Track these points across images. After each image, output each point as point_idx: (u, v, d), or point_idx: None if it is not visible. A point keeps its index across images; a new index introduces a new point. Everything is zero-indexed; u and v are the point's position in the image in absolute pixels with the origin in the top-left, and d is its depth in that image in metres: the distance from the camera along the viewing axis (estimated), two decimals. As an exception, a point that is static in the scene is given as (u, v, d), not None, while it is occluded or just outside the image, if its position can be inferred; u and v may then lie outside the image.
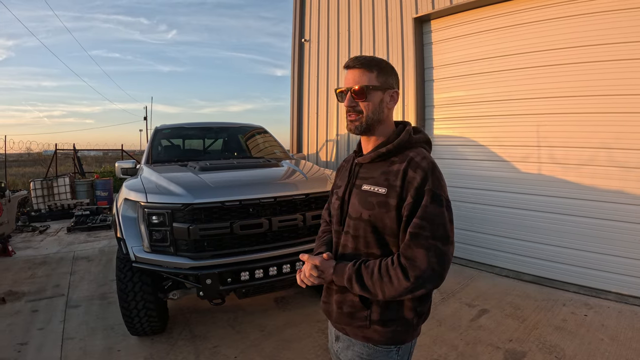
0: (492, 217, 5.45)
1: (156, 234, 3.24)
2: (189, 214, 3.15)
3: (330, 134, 7.89)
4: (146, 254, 3.24)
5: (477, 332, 3.72)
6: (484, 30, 5.43)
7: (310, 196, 3.55)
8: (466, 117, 5.70)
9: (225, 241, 3.24)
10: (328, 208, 1.69)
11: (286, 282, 3.50)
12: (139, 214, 3.30)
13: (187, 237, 3.14)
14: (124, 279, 3.44)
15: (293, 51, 8.85)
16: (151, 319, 3.58)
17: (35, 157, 31.17)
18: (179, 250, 3.21)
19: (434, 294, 4.52)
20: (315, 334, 3.81)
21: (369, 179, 1.46)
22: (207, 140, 5.55)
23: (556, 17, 4.77)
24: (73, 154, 14.26)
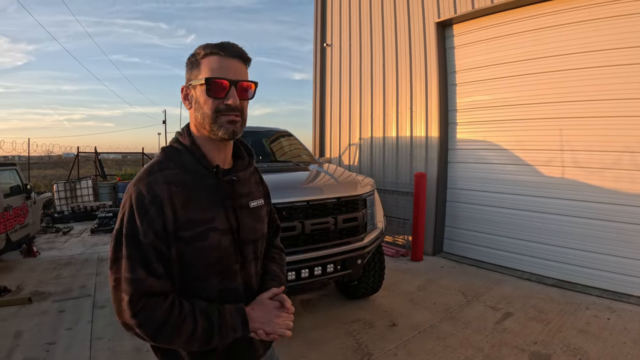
0: (514, 220, 5.45)
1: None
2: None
3: (353, 138, 7.88)
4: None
5: (502, 334, 3.73)
6: (506, 35, 5.44)
7: (342, 200, 3.58)
8: (489, 121, 5.71)
9: (258, 244, 3.27)
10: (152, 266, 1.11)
11: (317, 284, 3.54)
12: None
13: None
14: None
15: (315, 56, 8.86)
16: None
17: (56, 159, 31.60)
18: (211, 253, 3.24)
19: (459, 296, 4.57)
20: (342, 335, 3.82)
21: (250, 194, 1.34)
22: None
23: (578, 21, 4.77)
24: (94, 156, 14.42)
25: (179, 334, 1.09)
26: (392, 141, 6.95)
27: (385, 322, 4.07)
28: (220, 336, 1.14)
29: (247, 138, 4.69)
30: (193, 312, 1.12)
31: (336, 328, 3.97)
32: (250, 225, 1.29)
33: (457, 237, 6.21)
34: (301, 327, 4.01)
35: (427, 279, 5.25)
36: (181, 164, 1.19)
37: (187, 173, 1.19)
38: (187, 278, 1.17)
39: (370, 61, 7.34)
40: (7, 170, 6.42)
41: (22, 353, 3.67)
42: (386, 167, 7.05)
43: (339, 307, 4.46)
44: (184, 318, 1.10)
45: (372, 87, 7.34)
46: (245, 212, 1.29)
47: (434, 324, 3.98)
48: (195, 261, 1.15)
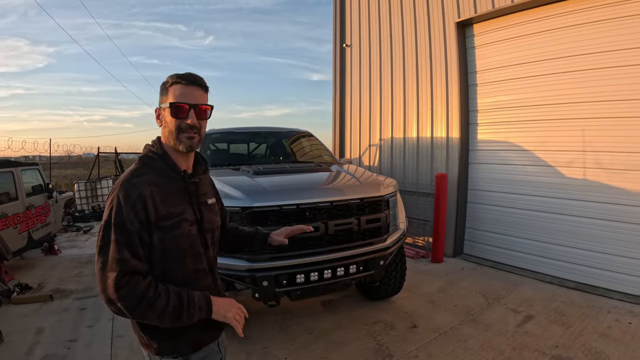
0: (536, 222, 5.39)
1: (213, 236, 3.31)
2: (247, 217, 3.19)
3: (373, 139, 7.86)
4: (202, 255, 3.30)
5: (524, 337, 3.70)
6: (526, 34, 5.38)
7: (365, 200, 3.57)
8: (510, 122, 5.65)
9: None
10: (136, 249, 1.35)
11: (339, 285, 3.54)
12: (196, 216, 3.37)
13: (245, 240, 3.19)
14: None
15: (334, 56, 8.84)
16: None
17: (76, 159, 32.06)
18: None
19: (480, 298, 4.53)
20: (364, 337, 3.82)
21: (207, 193, 1.65)
22: (256, 144, 5.61)
23: (598, 20, 4.69)
24: (114, 156, 14.59)
25: (152, 309, 1.31)
26: (413, 142, 6.91)
27: (406, 323, 4.05)
28: (188, 313, 1.36)
29: (269, 139, 4.78)
30: (167, 291, 1.35)
31: (357, 329, 3.97)
32: (209, 217, 1.60)
33: (478, 239, 6.15)
34: (323, 328, 4.02)
35: (447, 281, 5.22)
36: (156, 169, 1.47)
37: (161, 176, 1.46)
38: (168, 259, 1.42)
39: (390, 61, 7.31)
40: (30, 170, 6.51)
41: (43, 350, 3.73)
42: (407, 167, 7.01)
43: (360, 308, 4.45)
44: (159, 295, 1.32)
45: (392, 88, 7.31)
46: (205, 207, 1.59)
47: (454, 326, 3.96)
48: (173, 245, 1.42)
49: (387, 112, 7.48)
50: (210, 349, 1.55)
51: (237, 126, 5.62)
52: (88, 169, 14.49)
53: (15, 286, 5.06)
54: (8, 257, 5.53)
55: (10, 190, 5.85)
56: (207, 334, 1.53)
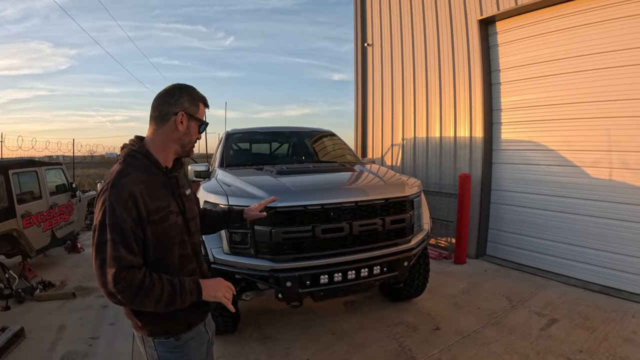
0: (561, 224, 5.26)
1: (236, 236, 3.28)
2: (271, 217, 3.15)
3: (396, 138, 7.79)
4: (225, 255, 3.29)
5: (548, 341, 3.63)
6: (550, 31, 5.25)
7: (390, 201, 3.52)
8: (534, 121, 5.53)
9: (305, 244, 3.24)
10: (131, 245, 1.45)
11: (363, 286, 3.50)
12: (219, 215, 3.36)
13: (268, 239, 3.16)
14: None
15: (356, 56, 8.80)
16: (225, 319, 3.64)
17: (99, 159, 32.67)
18: (259, 253, 3.24)
19: (504, 301, 4.46)
20: (385, 338, 3.78)
21: (184, 185, 1.78)
22: (278, 144, 5.61)
23: (625, 16, 4.55)
24: None
25: (150, 296, 1.42)
26: (436, 141, 6.84)
27: (428, 325, 4.00)
28: (182, 298, 1.49)
29: (291, 138, 4.77)
30: (161, 280, 1.46)
31: (379, 331, 3.94)
32: (190, 207, 1.74)
33: (501, 240, 6.05)
34: (345, 329, 4.00)
35: (470, 283, 5.15)
36: (141, 167, 1.55)
37: (146, 173, 1.55)
38: (160, 249, 1.54)
39: (412, 59, 7.24)
40: (53, 170, 6.61)
41: (65, 346, 3.78)
42: (429, 167, 6.93)
43: (382, 309, 4.42)
44: (154, 284, 1.43)
45: (414, 86, 7.23)
46: (185, 198, 1.73)
47: (478, 329, 3.90)
48: (163, 236, 1.54)
49: (409, 111, 7.41)
50: (199, 330, 1.69)
51: (259, 126, 5.63)
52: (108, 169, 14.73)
53: (39, 283, 5.15)
54: (32, 255, 5.63)
55: (34, 189, 5.95)
56: (196, 315, 1.66)
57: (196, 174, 4.55)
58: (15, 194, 5.38)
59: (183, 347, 1.62)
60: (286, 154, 5.38)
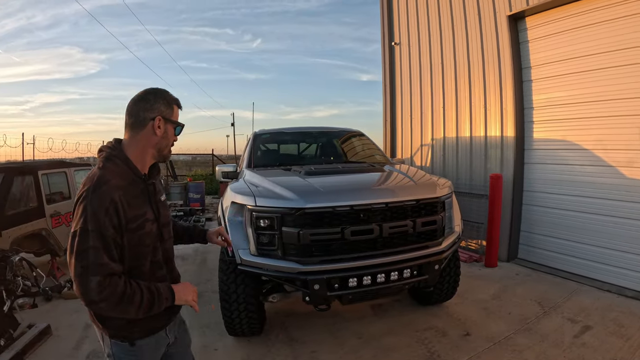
0: (594, 226, 5.06)
1: (263, 237, 3.23)
2: (299, 218, 3.11)
3: (425, 138, 7.66)
4: (252, 257, 3.23)
5: (580, 349, 3.48)
6: (582, 26, 5.06)
7: (421, 202, 3.42)
8: (567, 119, 5.34)
9: (334, 246, 3.17)
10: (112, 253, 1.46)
11: (392, 289, 3.41)
12: (247, 217, 3.30)
13: (296, 241, 3.10)
14: (227, 280, 3.48)
15: (383, 55, 8.72)
16: (251, 321, 3.59)
17: None
18: (286, 255, 3.18)
19: (536, 306, 4.30)
20: (414, 343, 3.69)
21: (160, 191, 1.79)
22: (306, 144, 5.56)
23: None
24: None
25: (132, 304, 1.45)
26: (466, 141, 6.69)
27: (458, 331, 3.89)
28: (159, 304, 1.55)
29: (319, 138, 4.71)
30: (139, 287, 1.49)
31: (408, 335, 3.85)
32: (164, 213, 1.76)
33: (533, 243, 5.86)
34: (372, 333, 3.93)
35: (501, 287, 4.99)
36: (120, 174, 1.55)
37: (124, 180, 1.55)
38: (135, 256, 1.56)
39: (440, 58, 7.10)
40: (82, 171, 6.69)
41: (90, 344, 3.79)
42: (459, 168, 6.78)
43: (411, 313, 4.32)
44: (134, 291, 1.46)
45: (443, 85, 7.10)
46: (161, 204, 1.74)
47: (509, 335, 3.77)
48: (138, 244, 1.56)
49: (438, 110, 7.27)
50: (158, 335, 1.72)
51: (287, 126, 5.59)
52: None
53: (67, 282, 5.20)
54: (60, 254, 5.71)
55: (63, 189, 6.06)
56: (156, 322, 1.68)
57: (224, 175, 4.54)
58: (44, 194, 5.49)
59: (136, 350, 1.66)
60: (314, 154, 5.31)
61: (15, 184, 5.16)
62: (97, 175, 1.51)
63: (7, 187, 5.01)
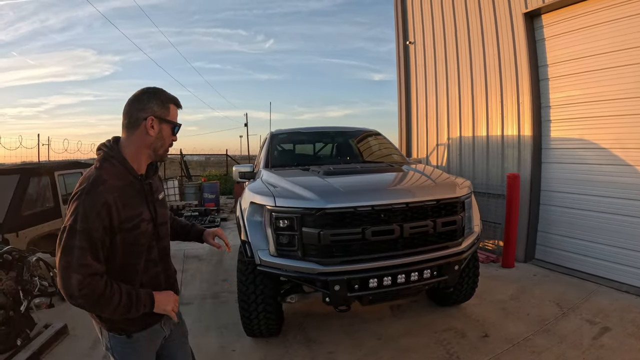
0: (613, 226, 4.99)
1: (283, 238, 3.22)
2: (320, 218, 3.09)
3: (441, 138, 7.61)
4: (272, 257, 3.22)
5: (600, 351, 3.44)
6: (600, 23, 4.98)
7: (441, 202, 3.39)
8: (585, 118, 5.27)
9: (354, 247, 3.15)
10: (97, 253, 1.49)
11: (412, 290, 3.39)
12: (266, 217, 3.29)
13: (317, 242, 3.08)
14: (245, 281, 3.48)
15: (398, 54, 8.67)
16: (269, 322, 3.59)
17: None
18: (306, 255, 3.16)
19: (554, 307, 4.26)
20: (433, 344, 3.67)
21: (157, 189, 1.81)
22: (323, 144, 5.53)
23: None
24: (180, 158, 15.07)
25: (109, 305, 1.49)
26: (482, 140, 6.63)
27: (477, 332, 3.86)
28: (136, 308, 1.57)
29: (336, 138, 4.67)
30: (120, 290, 1.52)
31: (427, 336, 3.82)
32: (161, 212, 1.78)
33: (550, 244, 5.80)
34: (390, 333, 3.91)
35: (519, 288, 4.95)
36: (116, 174, 1.57)
37: (120, 180, 1.57)
38: (128, 255, 1.60)
39: (455, 56, 7.05)
40: None
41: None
42: (476, 167, 6.72)
43: (429, 314, 4.29)
44: (113, 294, 1.49)
45: (459, 84, 7.05)
46: (158, 203, 1.76)
47: (528, 336, 3.74)
48: (133, 243, 1.59)
49: (454, 109, 7.23)
50: (153, 329, 1.76)
51: (301, 126, 5.57)
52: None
53: (83, 282, 5.25)
54: (76, 254, 5.74)
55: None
56: (151, 318, 1.72)
57: (241, 175, 4.53)
58: (60, 195, 5.52)
59: (133, 343, 1.71)
60: (331, 154, 5.28)
61: (31, 185, 5.20)
62: (93, 175, 1.54)
63: (23, 188, 5.05)
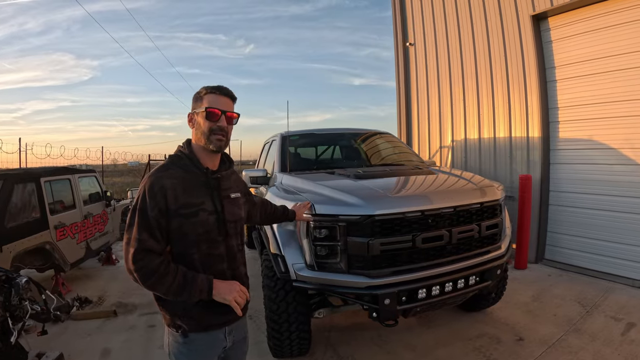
0: (622, 225, 5.09)
1: (322, 249, 2.96)
2: (367, 226, 2.87)
3: (445, 140, 7.55)
4: (310, 272, 2.97)
5: (631, 346, 3.49)
6: (607, 26, 5.08)
7: (484, 205, 3.27)
8: (593, 119, 5.35)
9: (402, 256, 2.95)
10: (153, 231, 1.59)
11: (458, 298, 3.22)
12: (301, 227, 3.04)
13: (365, 252, 2.85)
14: (276, 299, 3.20)
15: (396, 56, 8.55)
16: (302, 341, 3.34)
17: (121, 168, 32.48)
18: (351, 268, 2.92)
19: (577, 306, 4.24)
20: (471, 353, 3.54)
21: (230, 188, 1.86)
22: (339, 146, 5.26)
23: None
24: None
25: (161, 283, 1.55)
26: (489, 142, 6.62)
27: (510, 336, 3.78)
28: (190, 292, 1.58)
29: (352, 140, 4.42)
30: (176, 271, 1.57)
31: (462, 345, 3.70)
32: (231, 210, 1.80)
33: (560, 243, 5.84)
34: (424, 344, 3.74)
35: (538, 289, 4.93)
36: (182, 166, 1.71)
37: (185, 172, 1.69)
38: (185, 242, 1.64)
39: (459, 58, 7.01)
40: (87, 177, 6.23)
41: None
42: (482, 169, 6.69)
43: (456, 321, 4.17)
44: (167, 272, 1.55)
45: (463, 87, 7.01)
46: (227, 200, 1.80)
47: (561, 337, 3.71)
48: (190, 231, 1.63)
49: (458, 111, 7.18)
50: (214, 335, 1.74)
51: (307, 129, 5.31)
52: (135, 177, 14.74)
53: (75, 300, 4.78)
54: (66, 269, 5.23)
55: (67, 198, 5.57)
56: (212, 317, 1.70)
57: (252, 180, 4.19)
58: (47, 204, 5.02)
59: (188, 344, 1.69)
60: (349, 156, 4.99)
61: (15, 193, 4.65)
62: (161, 164, 1.73)
63: (6, 196, 4.51)
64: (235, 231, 1.84)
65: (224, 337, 1.78)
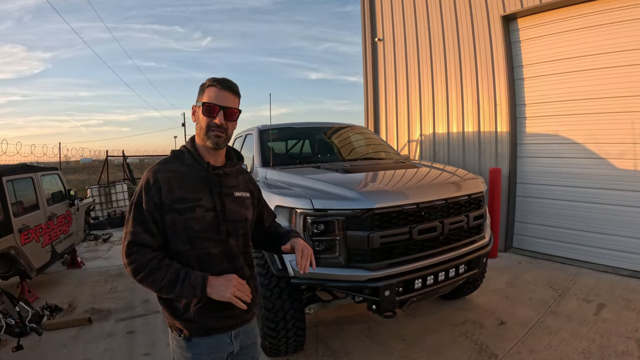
0: (586, 214, 5.46)
1: (320, 244, 2.97)
2: (366, 220, 2.91)
3: (413, 135, 7.68)
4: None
5: (605, 325, 3.78)
6: (572, 29, 5.42)
7: (472, 197, 3.42)
8: (559, 115, 5.67)
9: (400, 248, 3.03)
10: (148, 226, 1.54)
11: (449, 287, 3.36)
12: (298, 222, 3.03)
13: (365, 246, 2.90)
14: (271, 296, 3.17)
15: (364, 51, 8.55)
16: (298, 337, 3.34)
17: (74, 165, 30.54)
18: (351, 262, 2.96)
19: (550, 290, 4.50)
20: (459, 338, 3.69)
21: (235, 186, 1.76)
22: (319, 140, 5.24)
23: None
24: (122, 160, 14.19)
25: (152, 278, 1.49)
26: (458, 137, 6.83)
27: (492, 321, 3.98)
28: (181, 288, 1.49)
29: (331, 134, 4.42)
30: (169, 266, 1.51)
31: (449, 331, 3.84)
32: (233, 208, 1.69)
33: (527, 232, 6.16)
34: (413, 333, 3.85)
35: (511, 275, 5.19)
36: (182, 160, 1.67)
37: (185, 166, 1.65)
38: (181, 239, 1.57)
39: (429, 55, 7.17)
40: (49, 175, 5.84)
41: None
42: (451, 163, 6.86)
43: (441, 310, 4.31)
44: (159, 268, 1.49)
45: (433, 83, 7.18)
46: (230, 198, 1.70)
47: (539, 319, 3.96)
48: (184, 227, 1.57)
49: (427, 107, 7.34)
50: (219, 338, 1.66)
51: (285, 122, 5.28)
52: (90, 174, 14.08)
53: (44, 308, 4.45)
54: (32, 275, 4.86)
55: (30, 198, 5.18)
56: (212, 320, 1.62)
57: None
58: (10, 205, 4.65)
59: (192, 348, 1.63)
60: (331, 150, 5.00)
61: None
62: (162, 159, 1.69)
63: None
64: (237, 232, 1.71)
65: (230, 342, 1.69)
